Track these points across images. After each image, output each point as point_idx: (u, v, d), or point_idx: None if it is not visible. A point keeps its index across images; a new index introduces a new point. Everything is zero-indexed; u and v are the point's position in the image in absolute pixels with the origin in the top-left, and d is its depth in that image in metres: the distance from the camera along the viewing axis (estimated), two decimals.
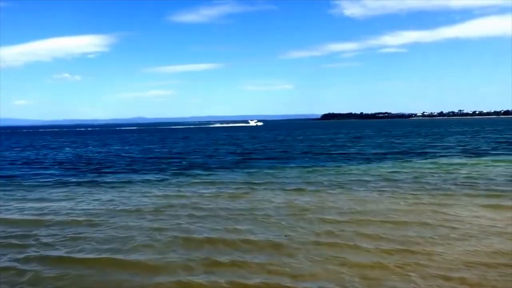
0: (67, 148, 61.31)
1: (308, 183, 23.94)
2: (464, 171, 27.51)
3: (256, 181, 24.69)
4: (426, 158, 36.02)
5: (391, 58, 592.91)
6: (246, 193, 21.19)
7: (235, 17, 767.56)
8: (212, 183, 24.65)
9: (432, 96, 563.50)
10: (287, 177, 26.37)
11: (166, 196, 20.75)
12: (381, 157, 38.01)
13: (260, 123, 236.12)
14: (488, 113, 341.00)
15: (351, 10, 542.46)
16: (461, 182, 22.88)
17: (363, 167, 31.00)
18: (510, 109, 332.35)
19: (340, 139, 72.11)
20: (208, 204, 18.51)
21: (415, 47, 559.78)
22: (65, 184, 25.80)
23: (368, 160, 35.58)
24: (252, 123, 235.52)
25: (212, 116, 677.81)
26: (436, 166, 30.40)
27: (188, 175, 28.45)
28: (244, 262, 11.28)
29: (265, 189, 22.17)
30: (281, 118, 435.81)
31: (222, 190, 22.03)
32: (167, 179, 26.77)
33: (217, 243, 12.92)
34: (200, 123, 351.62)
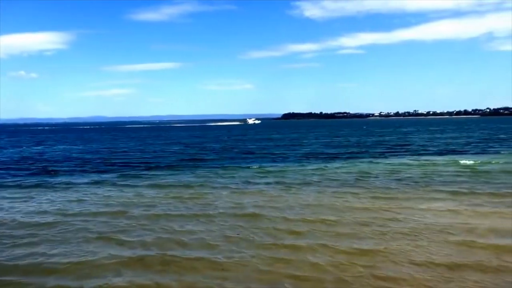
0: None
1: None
2: (407, 170, 27.96)
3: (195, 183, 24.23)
4: (369, 158, 36.53)
5: (349, 59, 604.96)
6: (192, 194, 20.91)
7: (196, 16, 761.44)
8: (152, 185, 23.81)
9: (389, 97, 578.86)
10: (228, 178, 26.10)
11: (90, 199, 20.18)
12: (330, 157, 38.41)
13: (258, 121, 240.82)
14: (441, 113, 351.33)
15: (311, 11, 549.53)
16: (402, 181, 23.55)
17: (309, 166, 30.92)
18: (462, 109, 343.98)
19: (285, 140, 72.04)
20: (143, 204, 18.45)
21: (372, 49, 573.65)
22: None
23: (322, 160, 35.63)
24: (250, 121, 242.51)
25: (173, 115, 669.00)
26: (379, 165, 30.89)
27: (127, 176, 27.70)
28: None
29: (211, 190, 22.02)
30: (243, 118, 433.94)
31: (161, 193, 21.48)
32: (103, 181, 25.96)
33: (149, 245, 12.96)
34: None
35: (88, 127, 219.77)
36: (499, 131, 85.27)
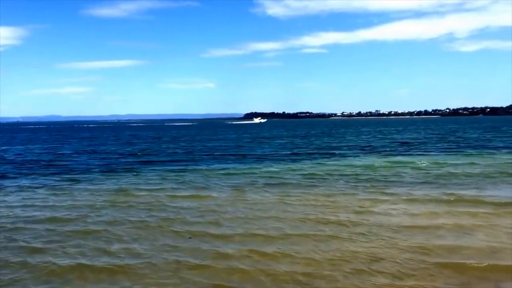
0: None
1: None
2: (359, 170, 27.24)
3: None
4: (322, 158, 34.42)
5: (312, 59, 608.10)
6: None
7: (156, 13, 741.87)
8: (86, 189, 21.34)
9: (351, 97, 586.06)
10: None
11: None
12: (286, 158, 36.31)
13: (264, 120, 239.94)
14: (402, 113, 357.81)
15: (274, 10, 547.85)
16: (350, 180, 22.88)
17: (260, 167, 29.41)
18: (423, 110, 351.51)
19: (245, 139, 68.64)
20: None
21: (335, 48, 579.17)
22: None
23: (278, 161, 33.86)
24: (257, 121, 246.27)
25: (133, 115, 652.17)
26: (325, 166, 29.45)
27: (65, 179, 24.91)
28: None
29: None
30: (203, 117, 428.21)
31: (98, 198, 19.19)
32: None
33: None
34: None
35: (40, 126, 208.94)
36: (455, 132, 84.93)
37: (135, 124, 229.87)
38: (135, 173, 27.29)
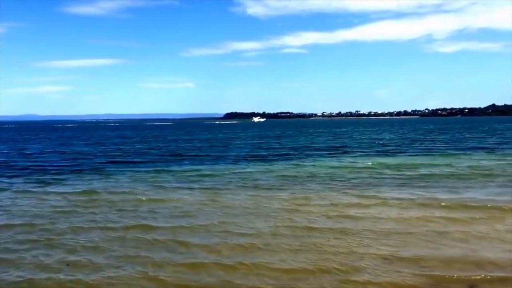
0: None
1: None
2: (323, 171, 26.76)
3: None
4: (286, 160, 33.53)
5: (292, 59, 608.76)
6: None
7: (135, 11, 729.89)
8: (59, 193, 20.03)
9: (332, 97, 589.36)
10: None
11: None
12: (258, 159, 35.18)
13: (263, 119, 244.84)
14: (382, 114, 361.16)
15: (254, 9, 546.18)
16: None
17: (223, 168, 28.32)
18: (402, 110, 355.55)
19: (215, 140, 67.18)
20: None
21: (315, 48, 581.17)
22: None
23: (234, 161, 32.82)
24: (256, 120, 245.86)
25: (111, 114, 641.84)
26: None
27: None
28: None
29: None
30: (184, 117, 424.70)
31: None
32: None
33: None
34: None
35: (13, 126, 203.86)
36: (431, 132, 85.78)
37: (112, 124, 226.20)
38: (105, 175, 26.19)
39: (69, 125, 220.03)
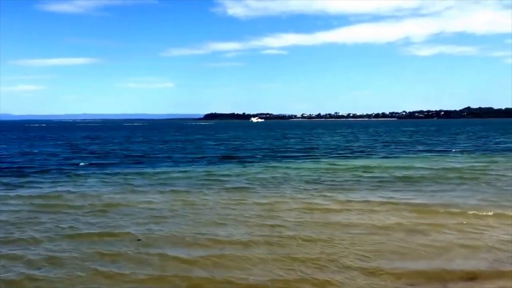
0: None
1: None
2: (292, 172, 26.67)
3: None
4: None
5: (273, 60, 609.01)
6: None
7: (113, 10, 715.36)
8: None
9: (311, 98, 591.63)
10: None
11: None
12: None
13: (261, 120, 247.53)
14: (361, 116, 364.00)
15: (234, 10, 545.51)
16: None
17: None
18: (380, 112, 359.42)
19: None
20: None
21: (295, 50, 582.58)
22: None
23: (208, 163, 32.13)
24: (254, 120, 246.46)
25: (89, 114, 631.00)
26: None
27: None
28: None
29: None
30: (163, 118, 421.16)
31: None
32: None
33: None
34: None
35: None
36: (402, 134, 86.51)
37: (89, 124, 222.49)
38: (72, 177, 25.33)
39: (44, 125, 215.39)
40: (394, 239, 12.28)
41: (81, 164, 32.20)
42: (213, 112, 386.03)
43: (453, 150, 43.30)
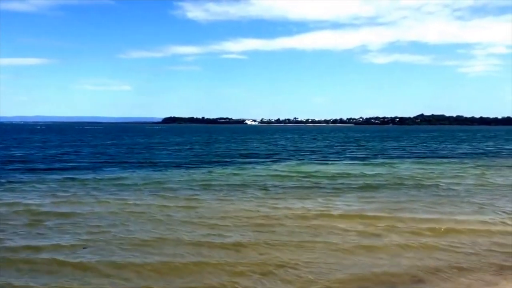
0: None
1: None
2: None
3: None
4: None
5: (232, 64, 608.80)
6: None
7: (69, 10, 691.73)
8: None
9: (271, 103, 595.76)
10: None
11: None
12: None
13: (256, 123, 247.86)
14: (319, 121, 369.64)
15: (194, 13, 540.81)
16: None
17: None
18: (338, 118, 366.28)
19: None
20: None
21: (255, 55, 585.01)
22: None
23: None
24: (249, 123, 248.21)
25: (42, 116, 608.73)
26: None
27: None
28: None
29: None
30: (120, 121, 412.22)
31: None
32: None
33: None
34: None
35: None
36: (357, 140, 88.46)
37: (39, 126, 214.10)
38: (4, 183, 23.46)
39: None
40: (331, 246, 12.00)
41: (20, 168, 30.44)
42: (172, 116, 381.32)
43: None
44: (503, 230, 13.80)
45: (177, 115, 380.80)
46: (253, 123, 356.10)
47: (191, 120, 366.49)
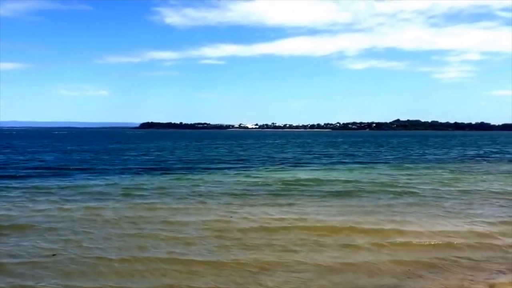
0: None
1: None
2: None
3: None
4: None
5: (210, 70, 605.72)
6: None
7: (45, 15, 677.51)
8: None
9: (249, 109, 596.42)
10: None
11: None
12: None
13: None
14: (297, 127, 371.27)
15: (172, 19, 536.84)
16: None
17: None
18: (316, 123, 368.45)
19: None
20: None
21: (233, 60, 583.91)
22: None
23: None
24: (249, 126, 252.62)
25: (17, 121, 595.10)
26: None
27: None
28: None
29: None
30: (97, 126, 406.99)
31: None
32: None
33: None
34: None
35: None
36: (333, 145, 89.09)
37: (14, 132, 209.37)
38: None
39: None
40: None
41: None
42: (150, 121, 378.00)
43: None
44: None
45: (155, 120, 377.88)
46: (232, 128, 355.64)
47: (169, 125, 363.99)
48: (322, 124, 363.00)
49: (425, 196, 21.69)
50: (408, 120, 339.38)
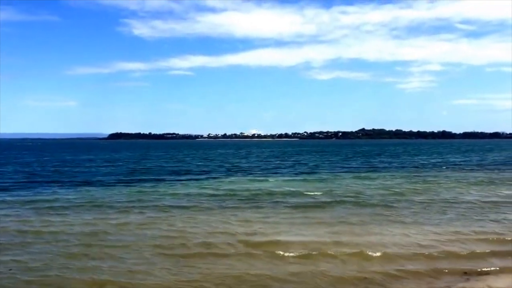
0: None
1: None
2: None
3: None
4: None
5: (179, 81, 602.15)
6: None
7: (13, 26, 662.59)
8: None
9: (218, 119, 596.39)
10: None
11: None
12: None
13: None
14: (265, 136, 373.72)
15: (141, 30, 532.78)
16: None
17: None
18: (283, 133, 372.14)
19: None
20: None
21: (202, 71, 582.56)
22: None
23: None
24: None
25: None
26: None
27: None
28: None
29: None
30: (64, 137, 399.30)
31: None
32: None
33: None
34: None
35: None
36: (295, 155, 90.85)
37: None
38: None
39: None
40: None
41: None
42: (119, 131, 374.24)
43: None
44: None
45: (124, 131, 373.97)
46: (201, 138, 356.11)
47: (138, 135, 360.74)
48: (290, 133, 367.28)
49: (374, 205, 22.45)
50: (373, 129, 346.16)
